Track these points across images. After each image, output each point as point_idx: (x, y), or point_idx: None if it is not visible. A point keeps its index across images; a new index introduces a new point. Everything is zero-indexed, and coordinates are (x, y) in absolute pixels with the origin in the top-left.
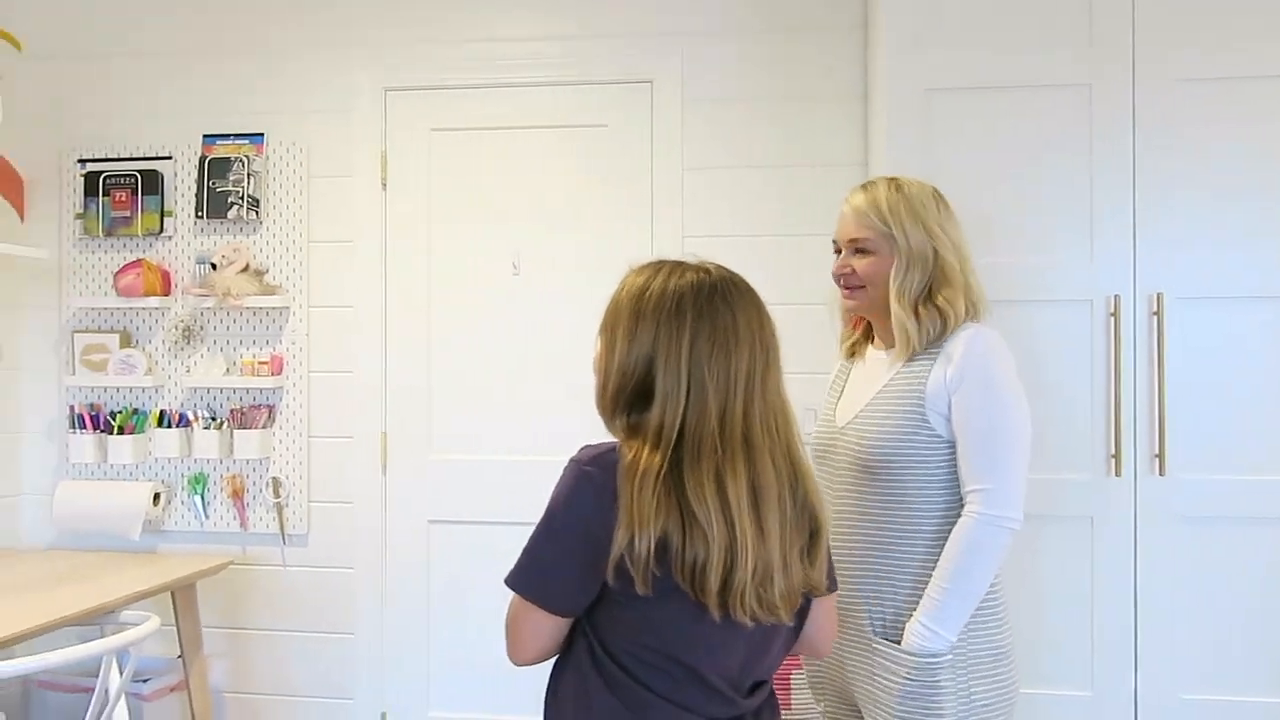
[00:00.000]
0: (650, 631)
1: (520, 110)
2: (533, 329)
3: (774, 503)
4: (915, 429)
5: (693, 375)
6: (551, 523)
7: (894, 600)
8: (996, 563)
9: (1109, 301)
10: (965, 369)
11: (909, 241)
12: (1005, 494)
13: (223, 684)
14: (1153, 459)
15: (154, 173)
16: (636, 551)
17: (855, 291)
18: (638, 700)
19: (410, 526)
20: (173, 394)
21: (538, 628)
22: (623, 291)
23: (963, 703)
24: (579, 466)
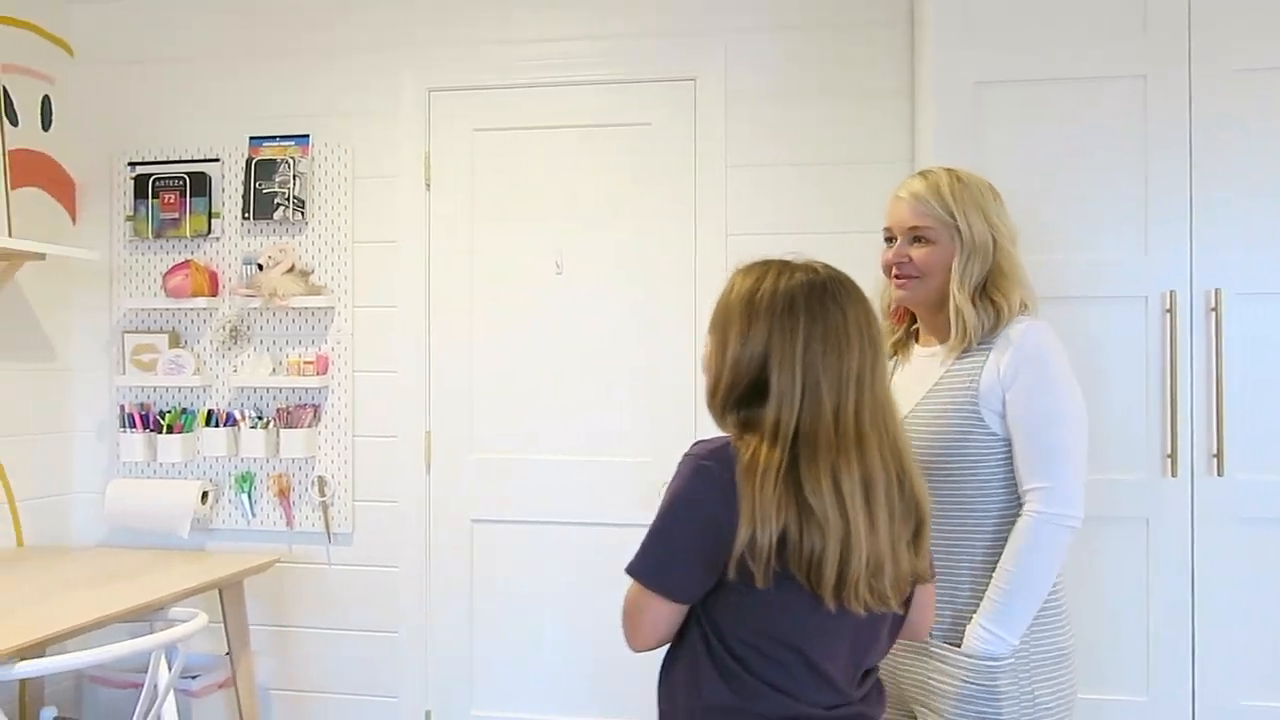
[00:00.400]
0: (766, 621)
1: (563, 109)
2: (575, 328)
3: (883, 496)
4: (970, 427)
5: (807, 376)
6: (672, 514)
7: (953, 602)
8: (1058, 562)
9: (1165, 298)
10: (1019, 364)
11: (971, 231)
12: (1064, 492)
13: (269, 681)
14: (1210, 459)
15: (202, 175)
16: (758, 546)
17: (910, 282)
18: (749, 689)
19: (453, 526)
20: (220, 393)
21: (656, 615)
22: (732, 292)
23: (1025, 706)
24: (697, 461)
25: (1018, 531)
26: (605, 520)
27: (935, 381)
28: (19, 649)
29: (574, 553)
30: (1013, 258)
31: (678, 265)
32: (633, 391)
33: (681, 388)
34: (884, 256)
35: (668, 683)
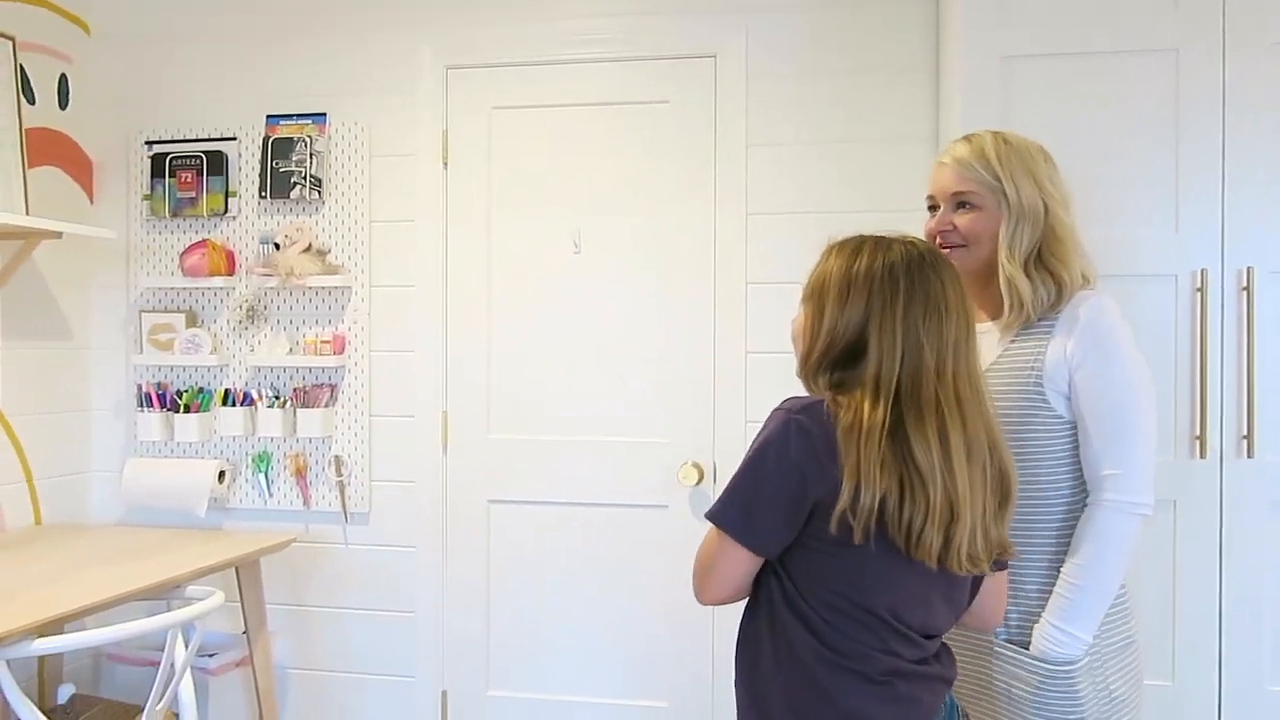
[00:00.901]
0: (848, 581)
1: (581, 87)
2: (593, 308)
3: (981, 460)
4: (1034, 410)
5: (908, 337)
6: (760, 464)
7: (1019, 601)
8: (1130, 553)
9: (1195, 276)
10: (1089, 344)
11: (1019, 195)
12: (1136, 478)
13: (286, 660)
14: (1240, 441)
15: (219, 153)
16: (861, 504)
17: (954, 251)
18: (834, 644)
19: (470, 506)
20: (237, 373)
21: (735, 566)
22: (830, 264)
23: (1104, 703)
24: (789, 414)
25: (1088, 522)
26: (622, 501)
27: (992, 361)
28: (37, 626)
29: (591, 534)
30: (1066, 224)
31: (697, 245)
32: (650, 372)
33: (700, 368)
34: (927, 226)
35: (747, 641)
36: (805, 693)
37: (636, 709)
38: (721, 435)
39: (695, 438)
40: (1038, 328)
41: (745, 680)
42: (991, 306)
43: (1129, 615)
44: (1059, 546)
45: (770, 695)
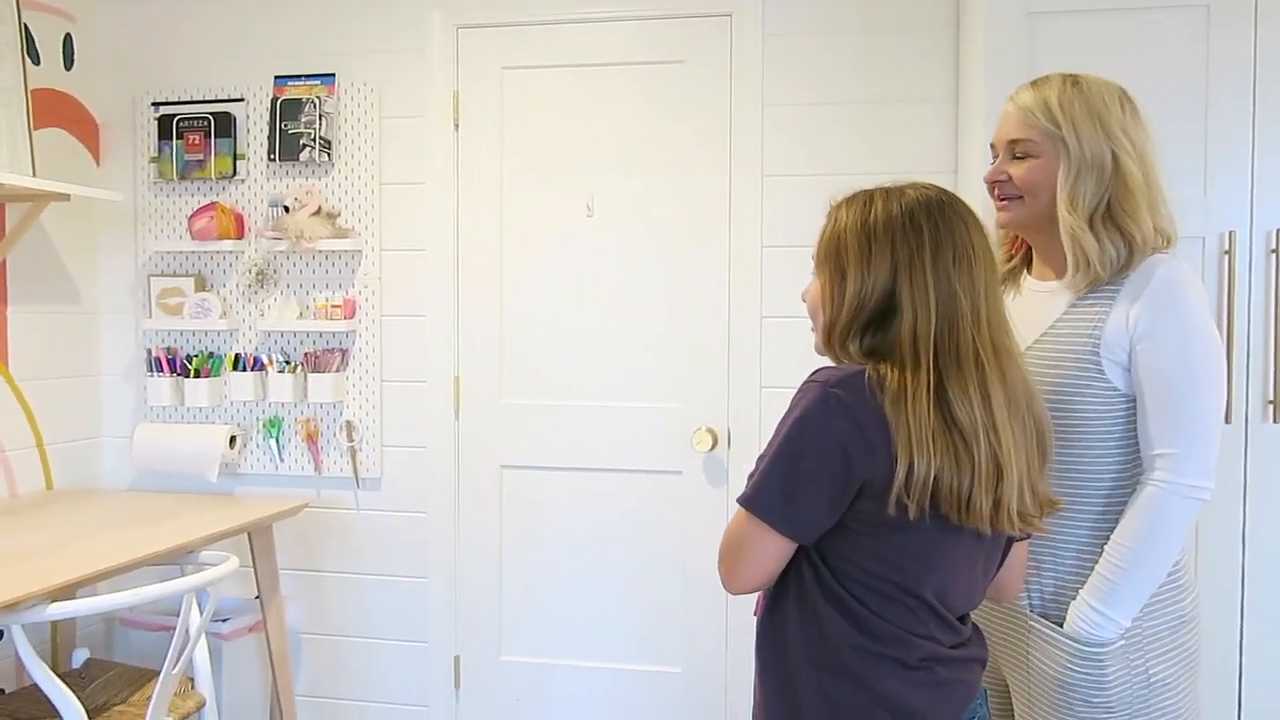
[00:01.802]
0: (892, 563)
1: (593, 46)
2: (606, 272)
3: (1021, 412)
4: (1088, 380)
5: (940, 286)
6: (798, 445)
7: (1055, 572)
8: (1182, 539)
9: (1223, 239)
10: (1156, 312)
11: (1080, 144)
12: (1198, 460)
13: (299, 625)
14: (1266, 405)
15: (226, 115)
16: (915, 479)
17: (1011, 203)
18: (872, 629)
19: (482, 471)
20: (247, 337)
21: (769, 553)
22: (841, 222)
23: (1139, 688)
24: (825, 388)
25: (1139, 501)
26: (635, 467)
27: (1052, 324)
28: (50, 591)
29: (604, 499)
30: (1138, 176)
31: (711, 207)
32: (664, 336)
33: (714, 332)
34: (985, 174)
35: (775, 631)
36: (839, 680)
37: (649, 674)
38: (736, 401)
39: (709, 403)
40: (1102, 291)
41: (772, 669)
42: (1057, 263)
43: (1184, 592)
44: (1100, 522)
45: (800, 685)
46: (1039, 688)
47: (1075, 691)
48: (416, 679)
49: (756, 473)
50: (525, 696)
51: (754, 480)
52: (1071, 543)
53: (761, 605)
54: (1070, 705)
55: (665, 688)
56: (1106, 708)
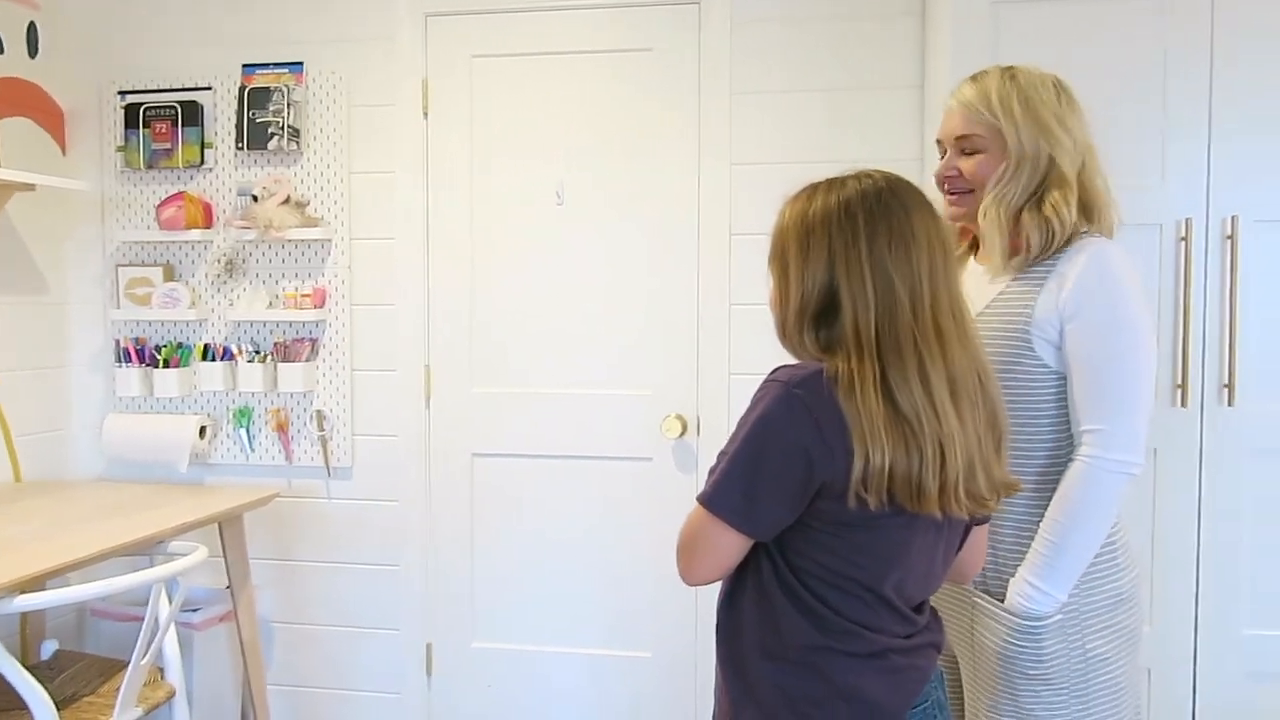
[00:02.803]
0: (851, 560)
1: (562, 35)
2: (577, 260)
3: (968, 394)
4: (1019, 358)
5: (877, 275)
6: (759, 445)
7: (994, 549)
8: (1113, 513)
9: (1180, 225)
10: (1085, 292)
11: (1021, 139)
12: (1126, 435)
13: (271, 614)
14: (1221, 389)
15: (194, 103)
16: (872, 470)
17: (962, 197)
18: (833, 627)
19: (453, 460)
20: (216, 327)
21: (728, 550)
22: (785, 218)
23: (1076, 662)
24: (787, 388)
25: (1070, 477)
26: (606, 454)
27: (988, 303)
28: (19, 582)
29: (574, 486)
30: (1069, 168)
31: (681, 195)
32: (634, 323)
33: (683, 320)
34: (936, 170)
35: (732, 621)
36: (795, 673)
37: (620, 660)
38: (705, 388)
39: (679, 390)
40: (1035, 272)
41: (729, 657)
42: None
43: (1122, 571)
44: (1036, 498)
45: (756, 675)
46: (983, 662)
47: (1015, 664)
48: (388, 667)
49: (717, 470)
50: (497, 683)
51: (714, 479)
52: (1009, 520)
53: (720, 595)
54: (1010, 678)
55: (636, 673)
56: (1045, 680)
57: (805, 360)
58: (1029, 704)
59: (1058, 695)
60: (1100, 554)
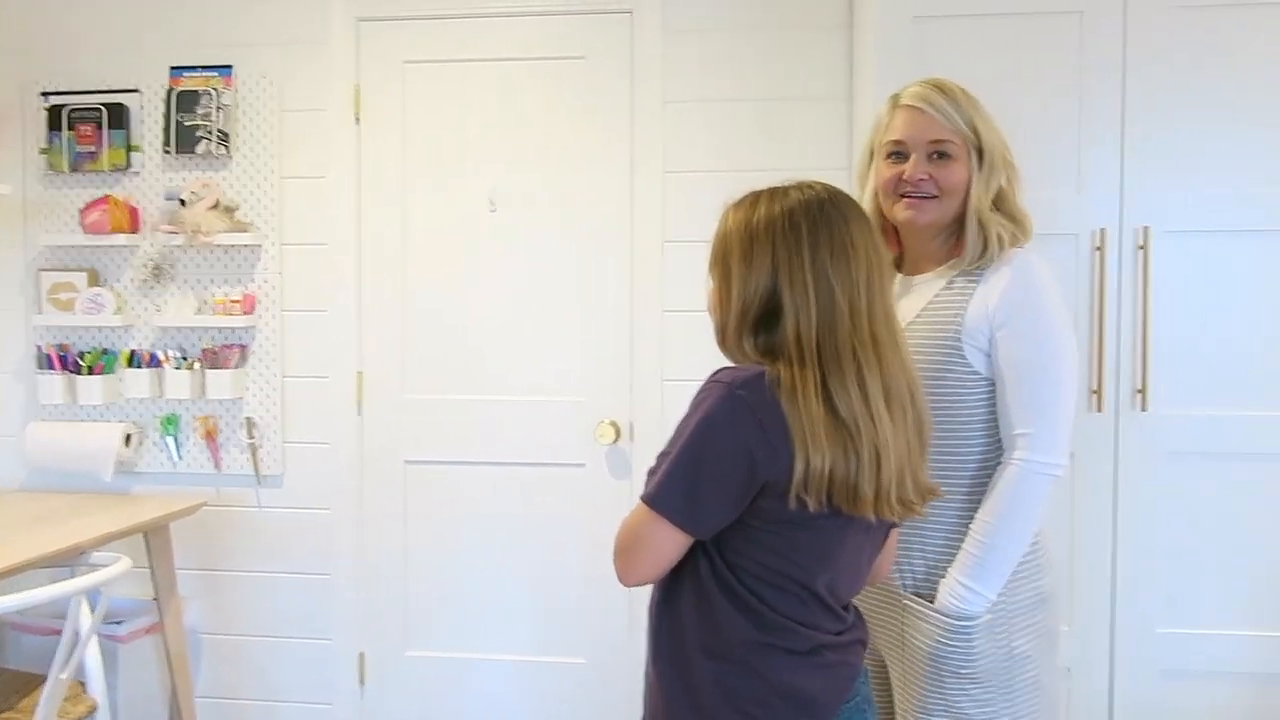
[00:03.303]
0: (788, 558)
1: (495, 41)
2: (511, 266)
3: (900, 401)
4: (950, 365)
5: (819, 283)
6: (702, 445)
7: (926, 553)
8: (1041, 514)
9: (1095, 235)
10: (1013, 301)
11: (992, 140)
12: (1052, 439)
13: (200, 625)
14: (1135, 395)
15: (120, 106)
16: (812, 473)
17: (926, 203)
18: (771, 624)
19: (387, 467)
20: (143, 333)
21: (668, 549)
22: (728, 224)
23: (1002, 660)
24: (730, 389)
25: (999, 480)
26: (540, 460)
27: (918, 312)
28: None
29: (508, 493)
30: (1013, 173)
31: (614, 203)
32: (568, 330)
33: (617, 326)
34: (889, 174)
35: (671, 620)
36: (735, 670)
37: (554, 666)
38: (639, 394)
39: (613, 396)
40: (964, 282)
41: (668, 656)
42: (934, 258)
43: (1042, 571)
44: (968, 501)
45: (697, 673)
46: (914, 663)
47: (946, 664)
48: (320, 677)
49: (660, 471)
50: (431, 691)
51: (657, 478)
52: (941, 524)
53: (655, 594)
54: (941, 678)
55: (570, 679)
56: (974, 679)
57: (744, 364)
58: (959, 702)
59: (986, 693)
60: (1025, 555)
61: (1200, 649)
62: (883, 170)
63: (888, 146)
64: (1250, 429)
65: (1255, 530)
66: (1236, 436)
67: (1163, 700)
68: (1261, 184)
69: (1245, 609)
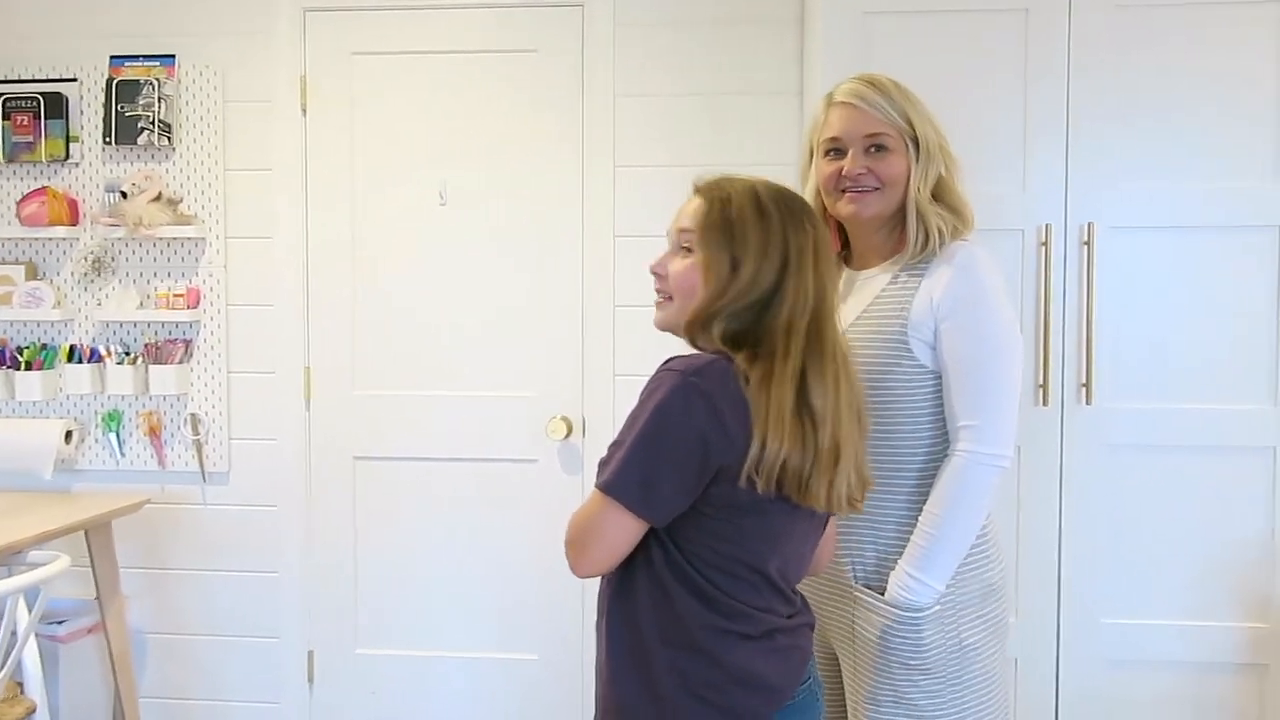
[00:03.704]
0: (739, 543)
1: (445, 33)
2: (461, 260)
3: (855, 402)
4: (898, 359)
5: (817, 280)
6: (659, 432)
7: (876, 545)
8: (987, 505)
9: (1040, 231)
10: (957, 294)
11: (927, 135)
12: (996, 430)
13: (144, 625)
14: (1080, 388)
15: (58, 95)
16: (767, 458)
17: (868, 196)
18: (726, 609)
19: (335, 463)
20: (83, 328)
21: (623, 537)
22: (738, 206)
23: (952, 651)
24: (684, 377)
25: (946, 472)
26: (491, 456)
27: (865, 307)
28: None
29: (459, 489)
30: (953, 158)
31: (565, 197)
32: (519, 325)
33: (568, 321)
34: (828, 170)
35: (625, 612)
36: (691, 657)
37: (506, 662)
38: (590, 390)
39: (564, 392)
40: (910, 276)
41: (623, 645)
42: (879, 252)
43: (992, 563)
44: (917, 493)
45: (654, 661)
46: (863, 654)
47: (895, 655)
48: (268, 675)
49: (614, 459)
50: (381, 689)
51: (612, 466)
52: (891, 516)
53: (607, 586)
54: (890, 668)
55: (522, 675)
56: (923, 670)
57: (701, 345)
58: (908, 693)
59: (935, 684)
60: (973, 546)
61: (1144, 639)
62: (822, 167)
63: (825, 144)
64: (1191, 422)
65: (1196, 521)
66: (1177, 429)
67: (1108, 690)
68: (1200, 181)
69: (1187, 599)
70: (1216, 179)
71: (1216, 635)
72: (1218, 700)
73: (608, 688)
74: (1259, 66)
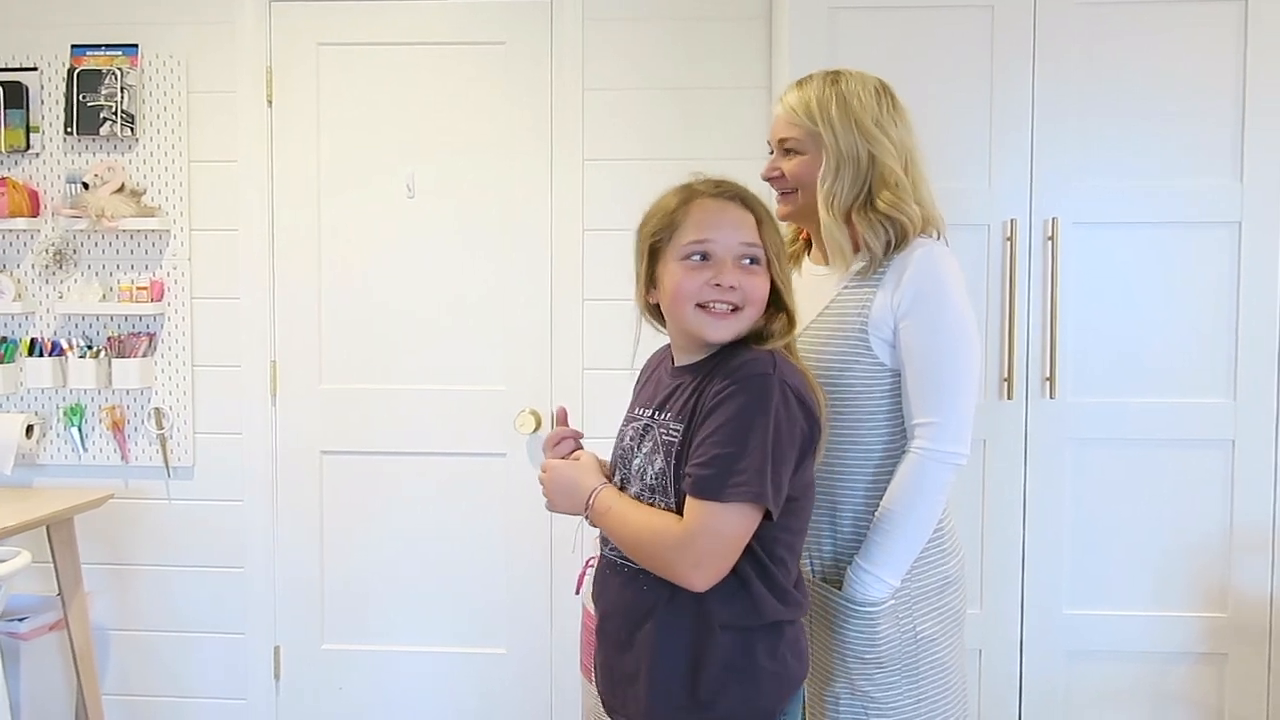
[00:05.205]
0: (791, 530)
1: (413, 25)
2: (428, 254)
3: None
4: (857, 356)
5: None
6: (778, 435)
7: (834, 539)
8: (942, 502)
9: (1005, 226)
10: (916, 293)
11: (838, 142)
12: (953, 428)
13: (107, 621)
14: (1044, 382)
15: (17, 84)
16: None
17: (786, 197)
18: (788, 597)
19: (301, 458)
20: (44, 321)
21: (748, 537)
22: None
23: (907, 644)
24: (782, 383)
25: (903, 468)
26: (459, 450)
27: (826, 305)
28: None
29: (427, 483)
30: (895, 168)
31: (533, 191)
32: (487, 318)
33: (537, 315)
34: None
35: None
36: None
37: (474, 657)
38: (559, 383)
39: (532, 385)
40: (871, 276)
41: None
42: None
43: (949, 555)
44: (874, 489)
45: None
46: (819, 648)
47: (850, 648)
48: (234, 671)
49: (740, 470)
50: (348, 684)
51: (748, 476)
52: (848, 511)
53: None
54: (845, 662)
55: (490, 669)
56: (878, 663)
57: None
58: (863, 685)
59: (890, 676)
60: (930, 540)
61: (1106, 630)
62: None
63: (768, 147)
64: (1152, 416)
65: (1157, 514)
66: (1138, 423)
67: (1070, 680)
68: (1163, 178)
69: (1148, 590)
70: (1178, 176)
71: (1177, 625)
72: (1178, 689)
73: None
74: (1220, 65)
